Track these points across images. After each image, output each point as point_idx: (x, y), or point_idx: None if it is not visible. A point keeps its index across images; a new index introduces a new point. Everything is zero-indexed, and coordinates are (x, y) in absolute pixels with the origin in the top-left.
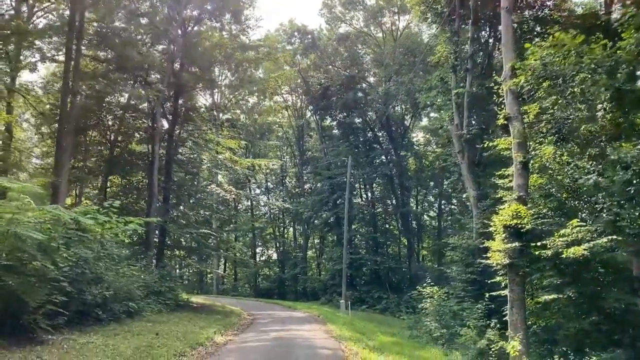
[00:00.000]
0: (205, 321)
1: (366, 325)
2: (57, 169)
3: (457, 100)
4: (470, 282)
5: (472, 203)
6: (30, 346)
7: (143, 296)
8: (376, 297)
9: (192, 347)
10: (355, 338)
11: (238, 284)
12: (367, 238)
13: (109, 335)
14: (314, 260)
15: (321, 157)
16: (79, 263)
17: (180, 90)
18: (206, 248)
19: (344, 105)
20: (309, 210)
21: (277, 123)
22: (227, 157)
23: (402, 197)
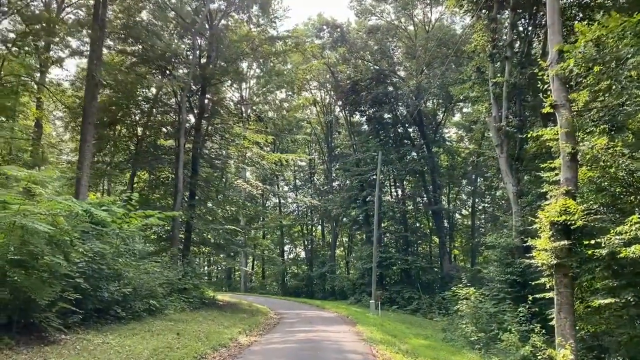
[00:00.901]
0: (230, 320)
1: (397, 327)
2: (80, 163)
3: (495, 90)
4: (510, 283)
5: (512, 199)
6: (39, 346)
7: (166, 294)
8: (407, 297)
9: (214, 348)
10: (386, 341)
11: (266, 282)
12: (397, 236)
13: (126, 335)
14: (342, 259)
15: (350, 154)
16: (95, 258)
17: (207, 83)
18: (232, 245)
19: (374, 99)
20: (338, 207)
21: (306, 119)
22: (254, 152)
23: (434, 194)
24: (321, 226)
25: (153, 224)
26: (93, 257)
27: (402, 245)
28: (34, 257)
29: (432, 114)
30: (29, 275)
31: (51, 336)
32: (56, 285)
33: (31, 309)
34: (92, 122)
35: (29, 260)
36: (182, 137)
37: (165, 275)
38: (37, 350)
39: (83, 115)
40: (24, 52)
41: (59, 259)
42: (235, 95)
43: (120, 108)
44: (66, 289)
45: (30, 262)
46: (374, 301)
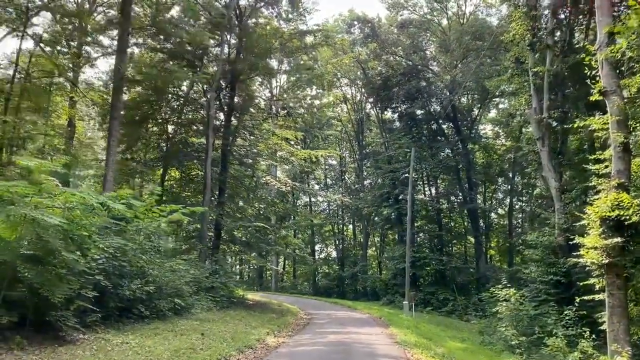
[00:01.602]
0: (259, 320)
1: (432, 329)
2: (106, 158)
3: (535, 81)
4: (553, 284)
5: (554, 195)
6: (52, 346)
7: (192, 292)
8: (441, 298)
9: (239, 350)
10: (421, 344)
11: (297, 282)
12: (432, 236)
13: (148, 335)
14: (374, 259)
15: (381, 151)
16: (116, 255)
17: (236, 79)
18: (262, 243)
19: (406, 95)
20: (369, 206)
21: (336, 117)
22: (284, 147)
23: (469, 192)
24: (352, 225)
25: (177, 220)
26: (114, 254)
27: (437, 245)
28: (50, 252)
29: (466, 110)
30: (44, 271)
31: (68, 335)
32: (73, 283)
33: (46, 307)
34: (119, 117)
35: (43, 255)
36: (210, 134)
37: (192, 273)
38: (50, 350)
39: (110, 111)
40: (57, 51)
41: (74, 255)
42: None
43: (151, 106)
44: (85, 286)
45: (45, 258)
46: (407, 302)
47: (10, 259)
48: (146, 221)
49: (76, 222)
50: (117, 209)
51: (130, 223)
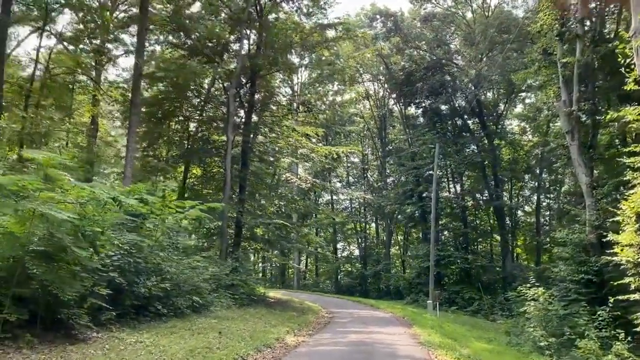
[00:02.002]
0: (279, 318)
1: (457, 329)
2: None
3: (564, 72)
4: (584, 284)
5: (585, 191)
6: (63, 345)
7: (212, 290)
8: (467, 297)
9: (257, 349)
10: (446, 345)
11: (319, 280)
12: (456, 234)
13: (164, 334)
14: (397, 257)
15: (405, 148)
16: (131, 251)
17: (256, 75)
18: (282, 240)
19: (430, 90)
20: (392, 203)
21: (358, 114)
22: (304, 143)
23: (496, 190)
24: (375, 224)
25: (194, 216)
26: (129, 250)
27: (462, 243)
28: (60, 249)
29: (492, 105)
30: (54, 268)
31: (81, 334)
32: (86, 280)
33: (58, 304)
34: (138, 113)
35: (54, 252)
36: (230, 130)
37: (211, 270)
38: (60, 349)
39: (130, 107)
40: (80, 50)
41: (85, 251)
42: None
43: (172, 103)
44: (98, 283)
45: (56, 254)
46: (431, 301)
47: (20, 255)
48: (163, 217)
49: (88, 217)
50: (130, 204)
51: (147, 219)
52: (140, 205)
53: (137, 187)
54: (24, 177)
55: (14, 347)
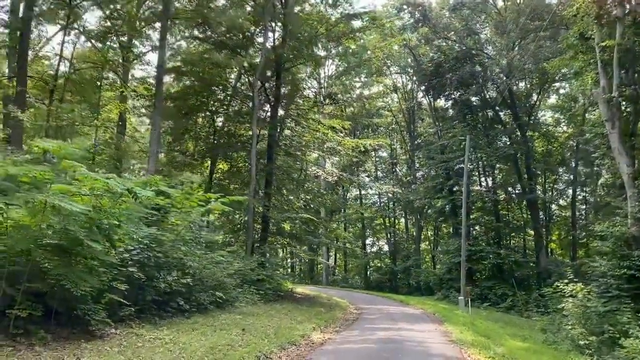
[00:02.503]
0: (305, 315)
1: (490, 326)
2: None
3: (603, 57)
4: (627, 279)
5: (626, 181)
6: (78, 342)
7: (236, 285)
8: (500, 293)
9: (281, 347)
10: (479, 343)
11: (348, 276)
12: (488, 228)
13: (185, 330)
14: (427, 253)
15: (434, 141)
16: (151, 245)
17: (281, 68)
18: (308, 235)
19: (460, 81)
20: (422, 198)
21: (386, 107)
22: (330, 136)
23: (529, 183)
24: (404, 219)
25: (216, 209)
26: (149, 244)
27: (494, 238)
28: (74, 242)
29: (525, 95)
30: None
31: (98, 330)
32: (103, 275)
33: (74, 300)
34: (160, 107)
35: (67, 245)
36: (254, 124)
37: (236, 265)
38: (74, 346)
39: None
40: (106, 47)
41: (99, 245)
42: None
43: (197, 98)
44: (117, 278)
45: (70, 248)
46: (463, 297)
47: (31, 249)
48: (185, 211)
49: (104, 210)
50: (146, 195)
51: (168, 213)
52: (160, 198)
53: (154, 178)
54: (35, 168)
55: (25, 344)
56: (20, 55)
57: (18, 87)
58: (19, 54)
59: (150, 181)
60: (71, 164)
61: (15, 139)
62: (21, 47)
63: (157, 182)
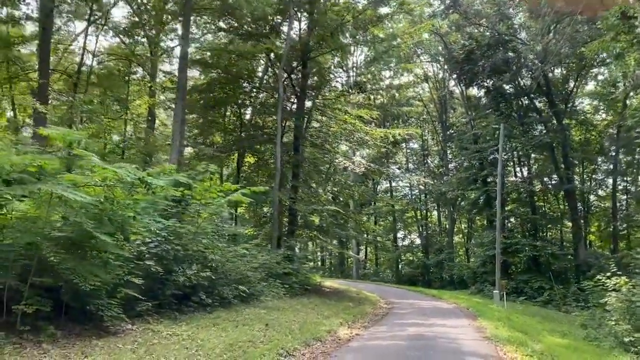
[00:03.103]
0: (333, 309)
1: (527, 322)
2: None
3: None
4: None
5: None
6: (89, 339)
7: (262, 279)
8: (536, 287)
9: (305, 343)
10: (515, 340)
11: (379, 269)
12: (524, 220)
13: (205, 325)
14: (461, 246)
15: (467, 131)
16: (169, 238)
17: (307, 57)
18: (336, 228)
19: (493, 68)
20: (454, 189)
21: (417, 97)
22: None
23: (566, 173)
24: (437, 211)
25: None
26: (167, 237)
27: (530, 230)
28: (86, 235)
29: (561, 82)
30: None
31: (113, 326)
32: (117, 269)
33: (86, 294)
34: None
35: (77, 238)
36: (279, 114)
37: (260, 258)
38: (84, 343)
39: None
40: (134, 41)
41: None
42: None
43: (224, 90)
44: (134, 272)
45: (81, 241)
46: (497, 291)
47: (38, 242)
48: (205, 202)
49: (117, 201)
50: (159, 185)
51: (189, 205)
52: (179, 190)
53: (168, 167)
54: (41, 157)
55: (33, 341)
56: (42, 49)
57: (40, 80)
58: (40, 47)
59: (164, 170)
60: (82, 152)
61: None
62: (42, 40)
63: (171, 172)
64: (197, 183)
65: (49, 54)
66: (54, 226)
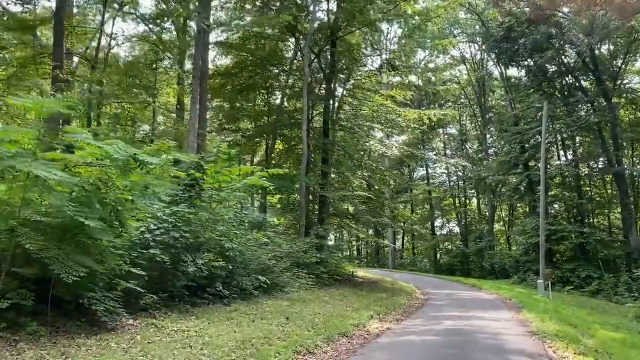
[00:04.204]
0: (364, 301)
1: (575, 313)
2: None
3: None
4: None
5: None
6: (78, 336)
7: (285, 268)
8: (583, 276)
9: (329, 338)
10: (565, 334)
11: (416, 259)
12: (569, 206)
13: (218, 320)
14: (502, 234)
15: (506, 113)
16: (177, 224)
17: (335, 37)
18: (367, 215)
19: (534, 46)
20: (494, 174)
21: (453, 79)
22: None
23: (616, 155)
24: (476, 198)
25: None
26: (175, 223)
27: (576, 216)
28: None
29: (609, 59)
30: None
31: (111, 321)
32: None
33: (80, 287)
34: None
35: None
36: (305, 95)
37: (284, 247)
38: (71, 342)
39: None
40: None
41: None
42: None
43: (250, 75)
44: (137, 261)
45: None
46: (542, 281)
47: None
48: (220, 185)
49: (111, 182)
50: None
51: (203, 190)
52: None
53: (166, 144)
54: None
55: (8, 340)
56: (56, 32)
57: (53, 63)
58: (55, 30)
59: (162, 147)
60: (72, 129)
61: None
62: (57, 21)
63: (170, 149)
64: (208, 165)
65: (63, 36)
66: (37, 210)
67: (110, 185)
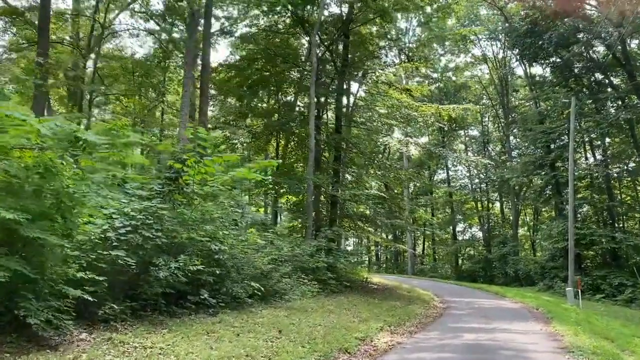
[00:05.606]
0: (375, 310)
1: (610, 325)
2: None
3: None
4: None
5: None
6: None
7: (286, 274)
8: (615, 284)
9: (325, 356)
10: (603, 351)
11: (437, 265)
12: (599, 208)
13: (196, 333)
14: (526, 239)
15: (530, 111)
16: (147, 221)
17: (347, 28)
18: (380, 217)
19: (559, 40)
20: (519, 175)
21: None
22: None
23: None
24: (499, 202)
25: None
26: (144, 221)
27: (606, 219)
28: None
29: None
30: None
31: (58, 336)
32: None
33: (15, 295)
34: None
35: None
36: (312, 87)
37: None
38: None
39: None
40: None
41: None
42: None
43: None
44: (95, 265)
45: None
46: (571, 289)
47: None
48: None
49: (48, 169)
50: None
51: (187, 184)
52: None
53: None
54: None
55: None
56: (42, 15)
57: (39, 50)
58: (40, 18)
59: (114, 125)
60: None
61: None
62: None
63: (123, 127)
64: (187, 155)
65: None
66: None
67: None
